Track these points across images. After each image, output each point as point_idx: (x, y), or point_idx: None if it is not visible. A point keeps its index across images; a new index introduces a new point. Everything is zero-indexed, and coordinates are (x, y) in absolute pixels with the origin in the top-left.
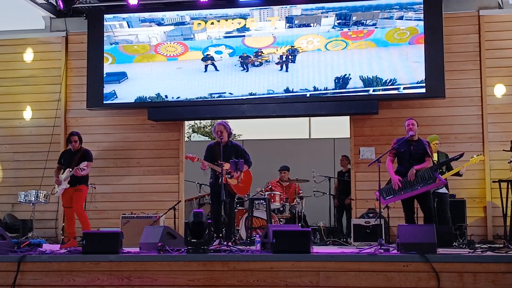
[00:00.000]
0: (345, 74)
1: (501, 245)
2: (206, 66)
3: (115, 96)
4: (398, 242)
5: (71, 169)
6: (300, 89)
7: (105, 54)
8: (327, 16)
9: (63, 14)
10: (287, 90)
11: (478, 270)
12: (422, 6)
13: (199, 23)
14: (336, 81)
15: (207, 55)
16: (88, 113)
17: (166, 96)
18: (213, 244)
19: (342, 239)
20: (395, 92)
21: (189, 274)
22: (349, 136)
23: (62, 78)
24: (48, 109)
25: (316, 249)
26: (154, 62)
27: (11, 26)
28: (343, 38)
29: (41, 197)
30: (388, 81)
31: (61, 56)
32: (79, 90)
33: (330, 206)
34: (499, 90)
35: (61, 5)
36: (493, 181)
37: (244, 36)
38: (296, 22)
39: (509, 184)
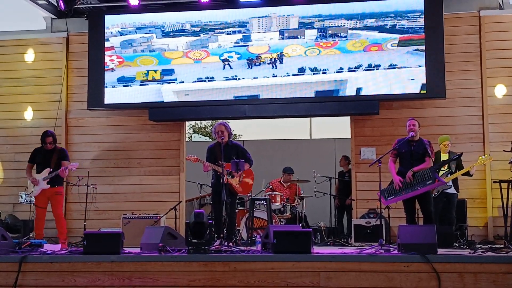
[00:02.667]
0: (303, 67)
1: (502, 246)
2: (224, 66)
3: (176, 80)
4: (398, 243)
5: (51, 169)
6: (280, 75)
7: (149, 58)
8: (313, 28)
9: (64, 15)
10: (273, 75)
11: (479, 271)
12: (415, 14)
13: (216, 41)
14: (298, 69)
15: (224, 58)
16: (89, 114)
17: (213, 77)
18: (214, 245)
19: (342, 240)
20: (396, 92)
21: (190, 274)
22: (349, 137)
23: (63, 79)
24: (49, 109)
25: (317, 249)
26: (186, 64)
27: (12, 26)
28: (317, 47)
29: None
30: (321, 70)
31: (62, 56)
32: (80, 91)
33: (331, 207)
34: (500, 90)
35: (62, 6)
36: (494, 182)
37: (248, 45)
38: (286, 34)
39: (510, 185)
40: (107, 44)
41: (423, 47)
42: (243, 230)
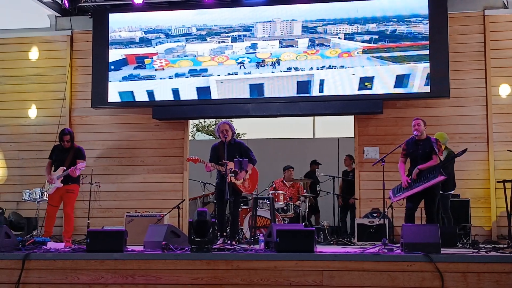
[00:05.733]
0: (290, 67)
1: (505, 245)
2: (240, 66)
3: (212, 74)
4: (402, 242)
5: (65, 168)
6: (276, 72)
7: (187, 61)
8: (305, 38)
9: (68, 13)
10: (272, 72)
11: (482, 270)
12: (418, 19)
13: (232, 49)
14: (287, 68)
15: (239, 61)
16: (93, 112)
17: (236, 73)
18: (217, 243)
19: (346, 239)
20: (401, 92)
21: (193, 272)
22: (353, 136)
23: (67, 77)
24: (53, 107)
25: (320, 248)
26: (213, 65)
27: (16, 24)
28: (305, 54)
29: (45, 195)
30: (300, 68)
31: (66, 54)
32: (84, 89)
33: (334, 206)
34: (504, 90)
35: (67, 4)
36: (498, 181)
37: (256, 52)
38: (284, 44)
39: None
40: (151, 50)
41: (378, 54)
42: (246, 228)
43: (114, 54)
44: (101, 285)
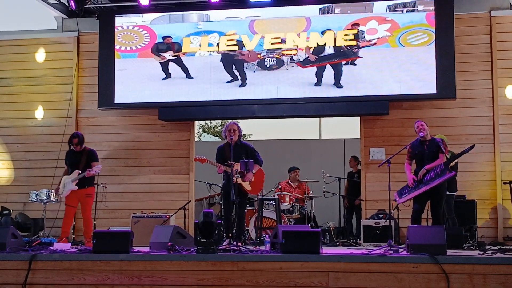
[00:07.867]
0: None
1: None
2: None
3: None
4: (408, 243)
5: (80, 171)
6: None
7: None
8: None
9: (75, 15)
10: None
11: (488, 272)
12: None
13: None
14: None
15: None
16: (99, 113)
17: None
18: (223, 244)
19: (351, 240)
20: (405, 92)
21: (199, 274)
22: (359, 137)
23: (73, 78)
24: (59, 108)
25: (325, 249)
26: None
27: (23, 26)
28: None
29: (52, 196)
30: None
31: (72, 56)
32: (90, 90)
33: (340, 207)
34: (511, 91)
35: (73, 6)
36: (504, 183)
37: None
38: None
39: None
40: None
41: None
42: (252, 230)
43: None
44: (107, 285)
